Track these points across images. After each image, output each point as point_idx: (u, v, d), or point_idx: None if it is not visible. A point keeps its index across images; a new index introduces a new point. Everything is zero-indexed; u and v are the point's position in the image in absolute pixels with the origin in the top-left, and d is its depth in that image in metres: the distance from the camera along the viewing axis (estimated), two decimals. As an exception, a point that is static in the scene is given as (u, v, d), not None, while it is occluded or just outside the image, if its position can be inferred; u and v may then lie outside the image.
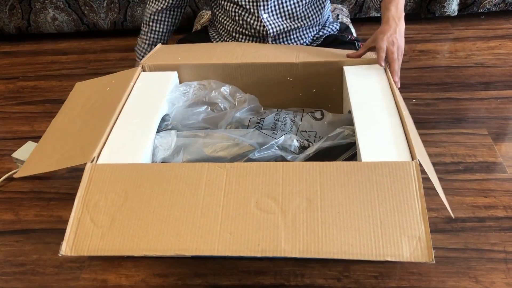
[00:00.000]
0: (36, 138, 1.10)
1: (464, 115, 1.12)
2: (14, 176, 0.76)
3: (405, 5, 1.48)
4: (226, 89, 0.88)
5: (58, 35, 1.60)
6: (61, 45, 1.58)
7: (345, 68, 0.86)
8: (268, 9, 1.00)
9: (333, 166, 0.65)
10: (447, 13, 1.47)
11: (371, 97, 0.78)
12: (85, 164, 0.69)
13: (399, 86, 0.80)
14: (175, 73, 0.90)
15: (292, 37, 1.03)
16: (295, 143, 0.76)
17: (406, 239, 0.57)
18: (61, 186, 1.02)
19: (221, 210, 0.62)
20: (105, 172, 0.68)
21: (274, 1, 1.00)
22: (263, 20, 1.00)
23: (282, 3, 1.01)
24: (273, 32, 1.00)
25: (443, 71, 1.29)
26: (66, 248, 0.61)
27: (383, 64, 0.82)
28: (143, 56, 1.14)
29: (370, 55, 0.88)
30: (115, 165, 0.69)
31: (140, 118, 0.79)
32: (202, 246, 0.59)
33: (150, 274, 0.82)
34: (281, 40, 1.03)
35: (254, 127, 0.82)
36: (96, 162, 0.70)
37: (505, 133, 1.06)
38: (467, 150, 1.01)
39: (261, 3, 1.00)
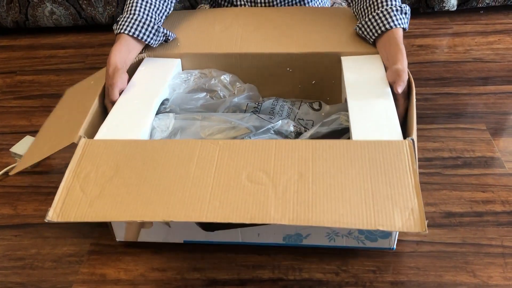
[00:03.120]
0: (34, 133, 1.09)
1: (462, 110, 1.12)
2: (9, 174, 0.75)
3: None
4: (226, 77, 0.89)
5: (56, 29, 1.59)
6: (59, 39, 1.57)
7: (343, 58, 0.86)
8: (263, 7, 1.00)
9: (326, 143, 0.66)
10: (446, 8, 1.46)
11: (367, 85, 0.78)
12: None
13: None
14: (179, 60, 0.91)
15: None
16: (291, 128, 0.77)
17: (398, 210, 0.57)
18: (59, 181, 1.01)
19: (212, 181, 0.62)
20: (98, 147, 0.68)
21: (266, 2, 1.00)
22: None
23: (278, 3, 1.01)
24: None
25: (442, 66, 1.29)
26: (53, 214, 0.61)
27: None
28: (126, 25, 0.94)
29: (368, 46, 0.88)
30: (109, 140, 0.69)
31: (140, 100, 0.79)
32: (191, 213, 0.59)
33: (148, 268, 0.82)
34: None
35: (252, 111, 0.82)
36: (86, 138, 0.70)
37: (503, 128, 1.06)
38: (465, 145, 1.02)
39: (258, 2, 1.00)
